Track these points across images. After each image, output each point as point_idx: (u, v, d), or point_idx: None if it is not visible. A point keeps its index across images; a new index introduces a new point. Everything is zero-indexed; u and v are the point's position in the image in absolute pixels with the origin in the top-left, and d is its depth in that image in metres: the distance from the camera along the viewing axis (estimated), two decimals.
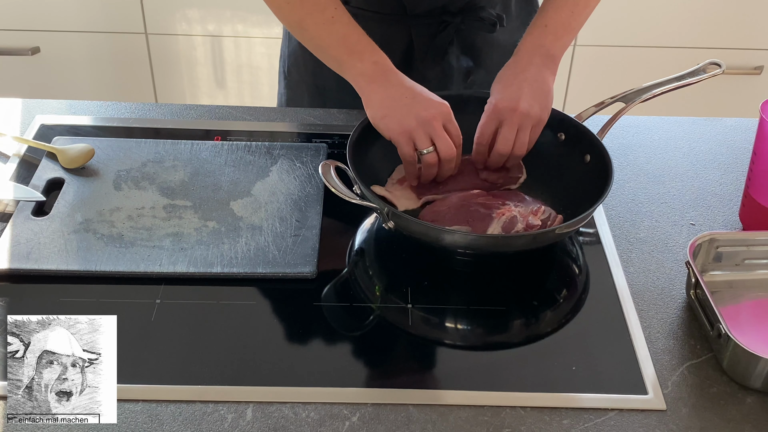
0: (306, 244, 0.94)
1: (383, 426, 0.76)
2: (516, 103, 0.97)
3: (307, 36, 1.03)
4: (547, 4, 1.06)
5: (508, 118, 0.97)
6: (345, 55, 0.99)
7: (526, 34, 1.05)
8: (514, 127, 0.97)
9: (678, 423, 0.77)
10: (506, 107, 0.97)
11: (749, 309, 0.92)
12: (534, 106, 0.98)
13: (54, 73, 2.18)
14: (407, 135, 0.95)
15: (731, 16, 2.05)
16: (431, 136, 0.94)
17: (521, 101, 0.97)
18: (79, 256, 0.91)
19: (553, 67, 1.03)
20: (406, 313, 0.88)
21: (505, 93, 0.99)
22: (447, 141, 0.95)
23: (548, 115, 1.00)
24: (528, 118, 0.97)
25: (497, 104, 0.98)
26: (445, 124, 0.95)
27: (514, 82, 1.00)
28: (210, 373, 0.80)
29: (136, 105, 1.20)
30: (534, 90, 0.99)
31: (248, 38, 2.12)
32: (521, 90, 0.98)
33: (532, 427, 0.76)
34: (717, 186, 1.09)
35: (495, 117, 0.98)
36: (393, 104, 0.95)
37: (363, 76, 0.98)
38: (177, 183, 1.03)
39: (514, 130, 0.97)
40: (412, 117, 0.94)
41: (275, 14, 1.07)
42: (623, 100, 1.03)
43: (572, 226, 0.90)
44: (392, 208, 0.89)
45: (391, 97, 0.96)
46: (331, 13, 1.00)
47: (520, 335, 0.89)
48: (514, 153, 0.98)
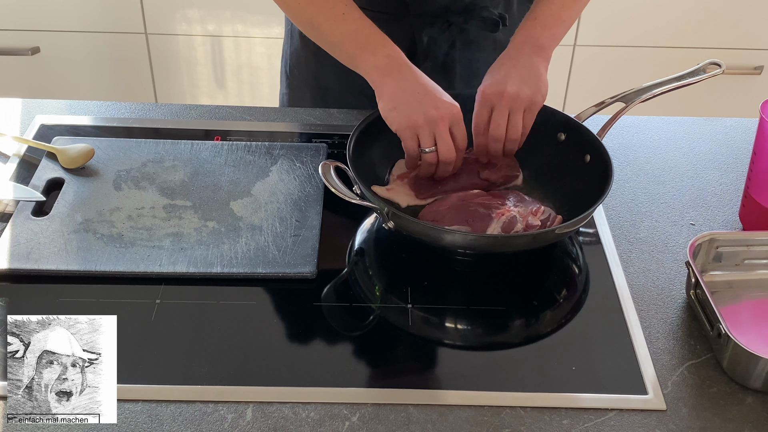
0: (306, 244, 0.94)
1: (383, 426, 0.76)
2: (503, 87, 0.97)
3: (319, 33, 1.03)
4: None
5: (497, 102, 0.97)
6: (357, 50, 0.99)
7: (517, 29, 1.06)
8: (505, 111, 0.97)
9: (678, 423, 0.77)
10: (493, 92, 0.98)
11: (749, 309, 0.92)
12: (523, 88, 0.97)
13: (54, 73, 2.18)
14: (412, 130, 0.94)
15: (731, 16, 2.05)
16: (435, 135, 0.94)
17: (508, 84, 0.97)
18: (79, 256, 0.91)
19: (544, 56, 1.02)
20: (406, 313, 0.88)
21: (492, 79, 0.99)
22: (449, 144, 0.95)
23: (543, 99, 1.00)
24: (518, 101, 0.97)
25: (485, 91, 0.99)
26: (452, 126, 0.95)
27: (501, 69, 1.00)
28: (210, 373, 0.80)
29: (136, 105, 1.20)
30: (522, 74, 0.99)
31: (248, 38, 2.12)
32: (508, 75, 0.98)
33: (532, 427, 0.76)
34: (717, 186, 1.09)
35: (485, 104, 0.98)
36: (404, 97, 0.95)
37: (377, 69, 0.98)
38: (177, 183, 1.03)
39: (505, 115, 0.97)
40: (421, 113, 0.94)
41: (286, 13, 1.07)
42: (623, 100, 1.03)
43: (572, 226, 0.90)
44: (392, 208, 0.89)
45: (403, 90, 0.96)
46: (341, 9, 1.00)
47: (520, 335, 0.89)
48: (509, 137, 0.98)
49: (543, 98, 1.00)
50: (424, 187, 1.00)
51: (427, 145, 0.95)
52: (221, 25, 2.11)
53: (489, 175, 1.01)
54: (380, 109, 0.97)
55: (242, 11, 2.08)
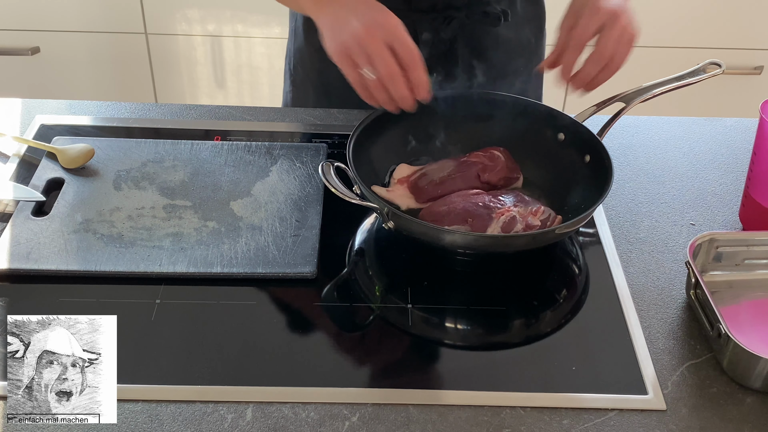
0: (306, 244, 0.94)
1: (383, 426, 0.76)
2: (621, 12, 0.93)
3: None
4: None
5: (611, 23, 0.93)
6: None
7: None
8: (615, 34, 0.92)
9: (678, 423, 0.77)
10: (611, 11, 0.93)
11: (749, 309, 0.92)
12: (633, 24, 0.94)
13: (54, 73, 2.18)
14: (345, 54, 0.88)
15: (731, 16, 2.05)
16: (369, 54, 0.87)
17: (625, 13, 0.93)
18: (79, 256, 0.91)
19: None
20: (406, 313, 0.88)
21: (610, 2, 0.94)
22: (386, 60, 0.87)
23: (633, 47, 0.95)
24: (626, 33, 0.93)
25: (602, 6, 0.93)
26: (391, 42, 0.87)
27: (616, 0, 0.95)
28: (210, 373, 0.80)
29: (136, 105, 1.20)
30: (632, 13, 0.95)
31: (248, 38, 2.12)
32: (625, 4, 0.95)
33: (532, 427, 0.76)
34: (717, 186, 1.09)
35: (598, 18, 0.93)
36: (338, 25, 0.89)
37: (314, 2, 0.93)
38: (177, 183, 1.03)
39: (614, 37, 0.92)
40: (349, 34, 0.87)
41: None
42: (623, 100, 1.03)
43: (572, 226, 0.90)
44: (392, 208, 0.89)
45: (337, 18, 0.90)
46: None
47: (520, 335, 0.89)
48: (615, 63, 0.93)
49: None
50: (423, 191, 1.00)
51: (362, 65, 0.87)
52: (221, 25, 2.11)
53: (489, 178, 1.01)
54: (324, 45, 0.92)
55: (242, 11, 2.08)
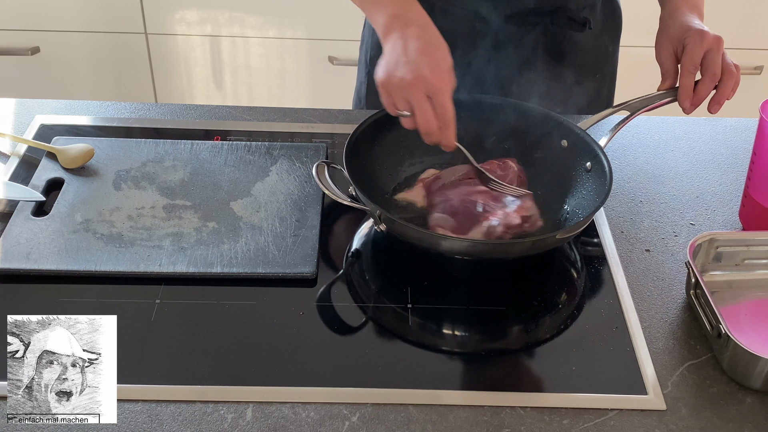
0: (306, 244, 0.94)
1: (383, 426, 0.76)
2: (718, 37, 1.02)
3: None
4: None
5: (715, 47, 1.01)
6: (370, 5, 0.97)
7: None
8: (719, 56, 1.01)
9: (678, 423, 0.77)
10: (713, 37, 1.01)
11: (749, 309, 0.92)
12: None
13: (54, 73, 2.18)
14: (385, 88, 0.91)
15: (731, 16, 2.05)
16: (410, 101, 0.89)
17: (719, 38, 1.02)
18: (79, 256, 0.91)
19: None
20: (406, 313, 0.88)
21: (700, 27, 1.04)
22: (426, 113, 0.89)
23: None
24: (722, 52, 1.02)
25: (705, 33, 1.02)
26: (432, 96, 0.89)
27: (695, 20, 1.06)
28: (210, 373, 0.80)
29: (135, 105, 1.20)
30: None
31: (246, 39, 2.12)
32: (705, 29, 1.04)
33: (532, 427, 0.76)
34: (717, 186, 1.09)
35: (703, 44, 1.01)
36: (395, 56, 0.91)
37: (381, 27, 0.95)
38: (177, 183, 1.03)
39: (719, 59, 1.01)
40: (397, 75, 0.89)
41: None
42: (628, 109, 1.03)
43: (571, 231, 0.90)
44: (384, 212, 0.89)
45: (395, 49, 0.91)
46: None
47: (520, 335, 0.89)
48: (726, 81, 1.01)
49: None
50: (432, 192, 1.00)
51: (401, 108, 0.90)
52: (220, 26, 2.11)
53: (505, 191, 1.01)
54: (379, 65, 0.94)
55: (241, 12, 2.08)
